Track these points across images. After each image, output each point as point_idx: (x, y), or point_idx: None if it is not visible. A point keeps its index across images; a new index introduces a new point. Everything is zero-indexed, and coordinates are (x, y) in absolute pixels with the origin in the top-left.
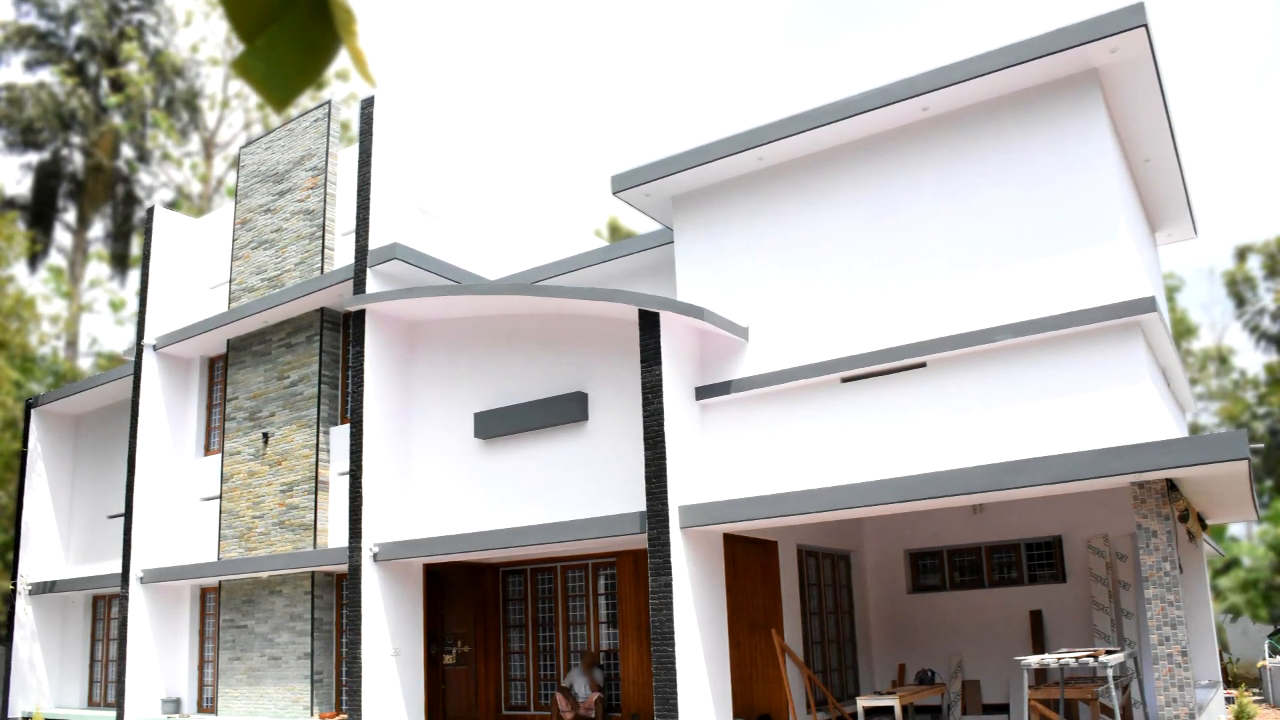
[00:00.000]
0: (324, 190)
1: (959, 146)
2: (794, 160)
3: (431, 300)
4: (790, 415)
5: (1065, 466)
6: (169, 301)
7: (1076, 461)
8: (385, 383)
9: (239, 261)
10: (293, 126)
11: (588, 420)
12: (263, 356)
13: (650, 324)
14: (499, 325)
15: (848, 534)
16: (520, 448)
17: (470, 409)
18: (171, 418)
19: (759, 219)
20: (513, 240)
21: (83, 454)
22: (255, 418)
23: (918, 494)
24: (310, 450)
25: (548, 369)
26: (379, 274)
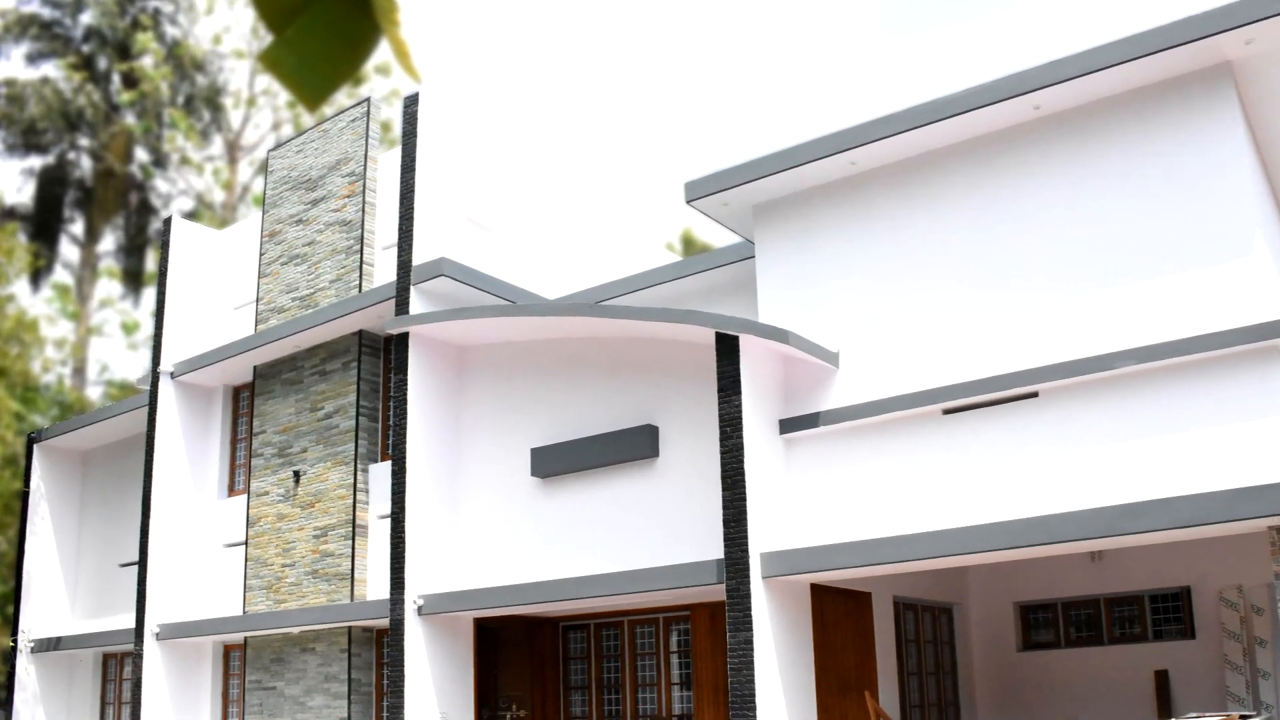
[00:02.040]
0: (362, 198)
1: (1074, 149)
2: (890, 165)
3: (483, 322)
4: (885, 451)
5: (1194, 509)
6: (188, 324)
7: (1207, 503)
8: (431, 414)
9: (267, 279)
10: (327, 127)
11: (658, 457)
12: (294, 385)
13: (728, 349)
14: (559, 350)
15: (950, 584)
16: (582, 488)
17: (526, 444)
18: (191, 454)
19: (850, 231)
20: (573, 255)
21: (91, 494)
22: (285, 454)
23: (1028, 539)
24: (347, 490)
25: (613, 399)
26: (424, 292)
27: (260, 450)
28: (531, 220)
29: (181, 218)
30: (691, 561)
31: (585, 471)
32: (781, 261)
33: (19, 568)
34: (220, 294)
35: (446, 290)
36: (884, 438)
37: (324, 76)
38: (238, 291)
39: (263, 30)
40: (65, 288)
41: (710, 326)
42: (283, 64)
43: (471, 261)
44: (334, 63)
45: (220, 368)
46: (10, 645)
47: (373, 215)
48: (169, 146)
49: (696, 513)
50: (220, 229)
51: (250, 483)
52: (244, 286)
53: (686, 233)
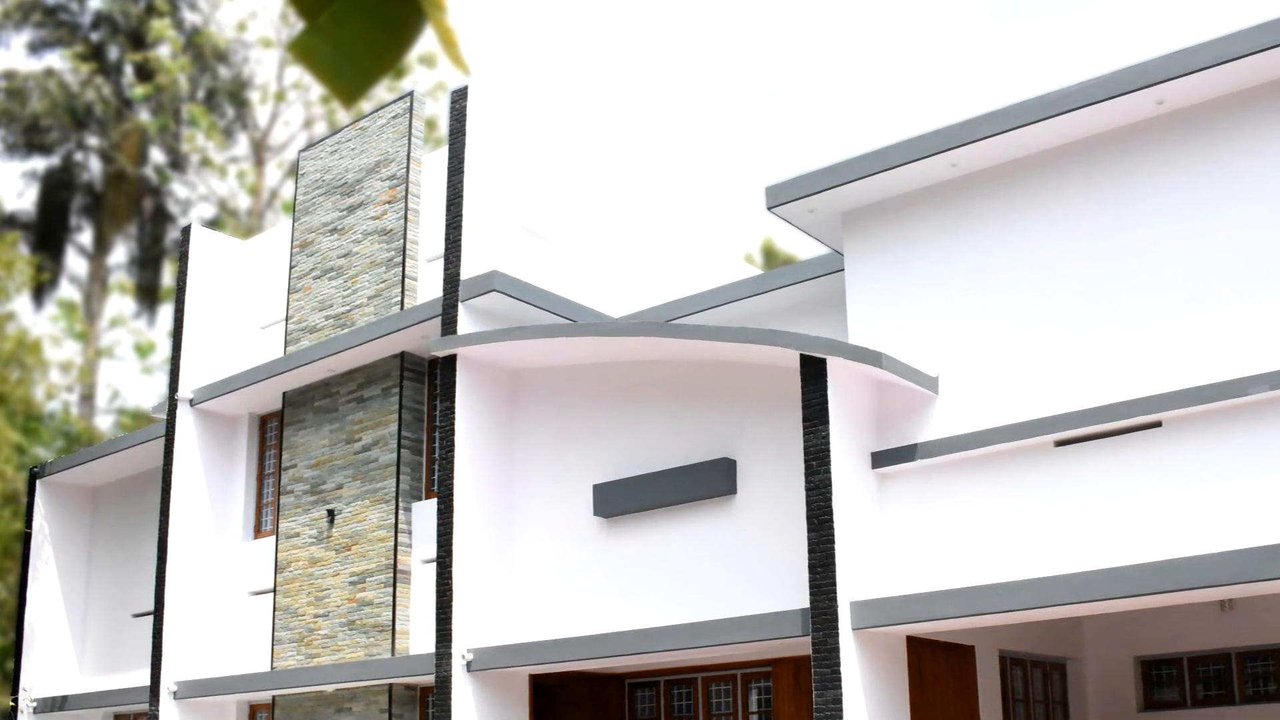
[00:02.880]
0: (404, 205)
1: (1201, 149)
2: (995, 167)
3: (540, 343)
4: (990, 487)
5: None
6: (209, 345)
7: None
8: (482, 447)
9: (298, 294)
10: (365, 125)
11: (735, 494)
12: (328, 414)
13: (815, 373)
14: (624, 375)
15: (1063, 637)
16: (651, 528)
17: (588, 480)
18: (213, 491)
19: (951, 240)
20: (641, 268)
21: (101, 536)
22: (318, 491)
23: (1151, 587)
24: (387, 532)
25: (685, 430)
26: (473, 310)
27: (290, 487)
28: (594, 230)
29: (202, 226)
30: (773, 611)
31: (654, 510)
32: (874, 275)
33: (20, 618)
34: (245, 311)
35: (499, 307)
36: (989, 472)
37: (362, 68)
38: (265, 309)
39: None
40: (71, 305)
41: (794, 348)
42: (315, 54)
43: (527, 275)
44: (373, 52)
45: (245, 394)
46: (10, 705)
47: (416, 223)
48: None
49: (779, 556)
50: (245, 239)
51: (279, 523)
52: (272, 303)
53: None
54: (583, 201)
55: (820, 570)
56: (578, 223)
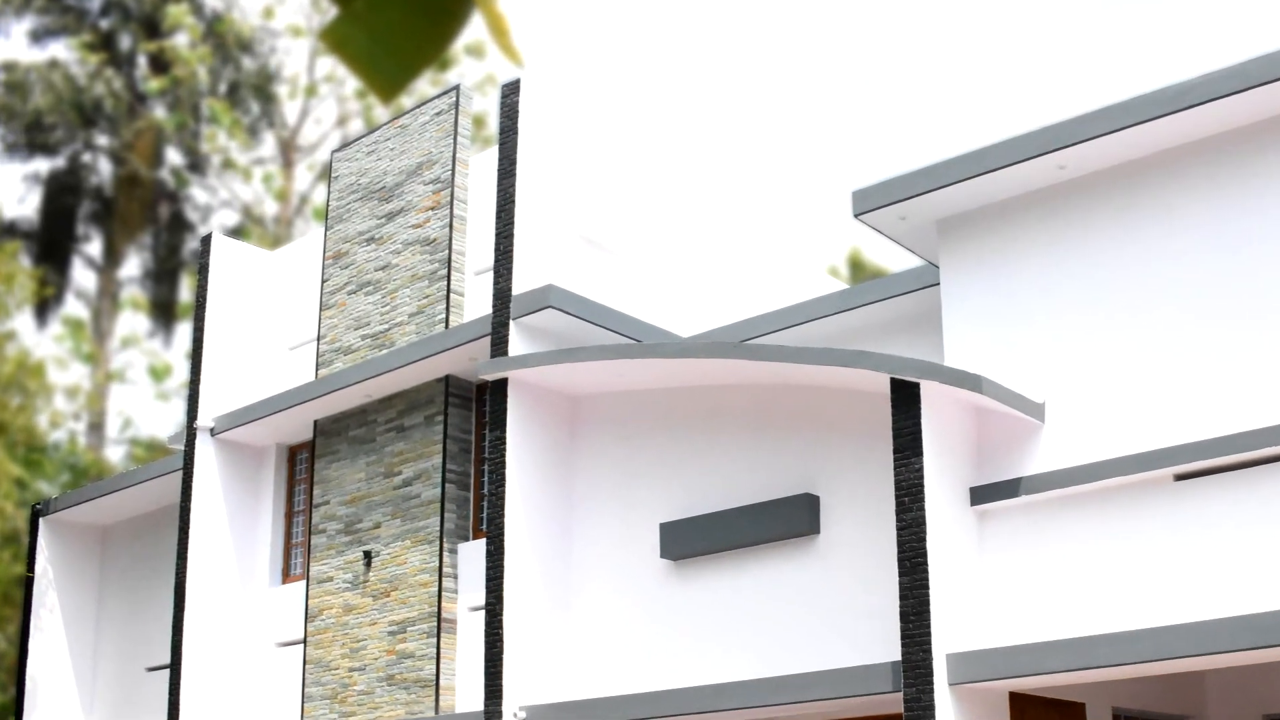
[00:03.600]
0: (449, 211)
1: None
2: (1109, 169)
3: (601, 365)
4: (1103, 526)
5: None
6: (233, 368)
7: None
8: (536, 481)
9: (331, 311)
10: (406, 123)
11: (818, 534)
12: (364, 445)
13: (907, 398)
14: (695, 401)
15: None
16: (724, 572)
17: (654, 518)
18: (236, 530)
19: (1059, 251)
20: (713, 282)
21: (112, 581)
22: (354, 530)
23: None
24: (431, 576)
25: (763, 462)
26: (526, 328)
27: (322, 526)
28: (660, 239)
29: (224, 235)
30: (861, 665)
31: (728, 552)
32: (972, 289)
33: (21, 672)
34: (272, 331)
35: (555, 326)
36: (1101, 509)
37: (402, 59)
38: (294, 327)
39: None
40: (79, 322)
41: (884, 371)
42: (350, 43)
43: (586, 290)
44: (414, 42)
45: (272, 423)
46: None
47: (462, 232)
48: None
49: (867, 603)
50: (272, 249)
51: (310, 566)
52: (302, 321)
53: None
54: (648, 207)
55: (913, 619)
56: (642, 231)
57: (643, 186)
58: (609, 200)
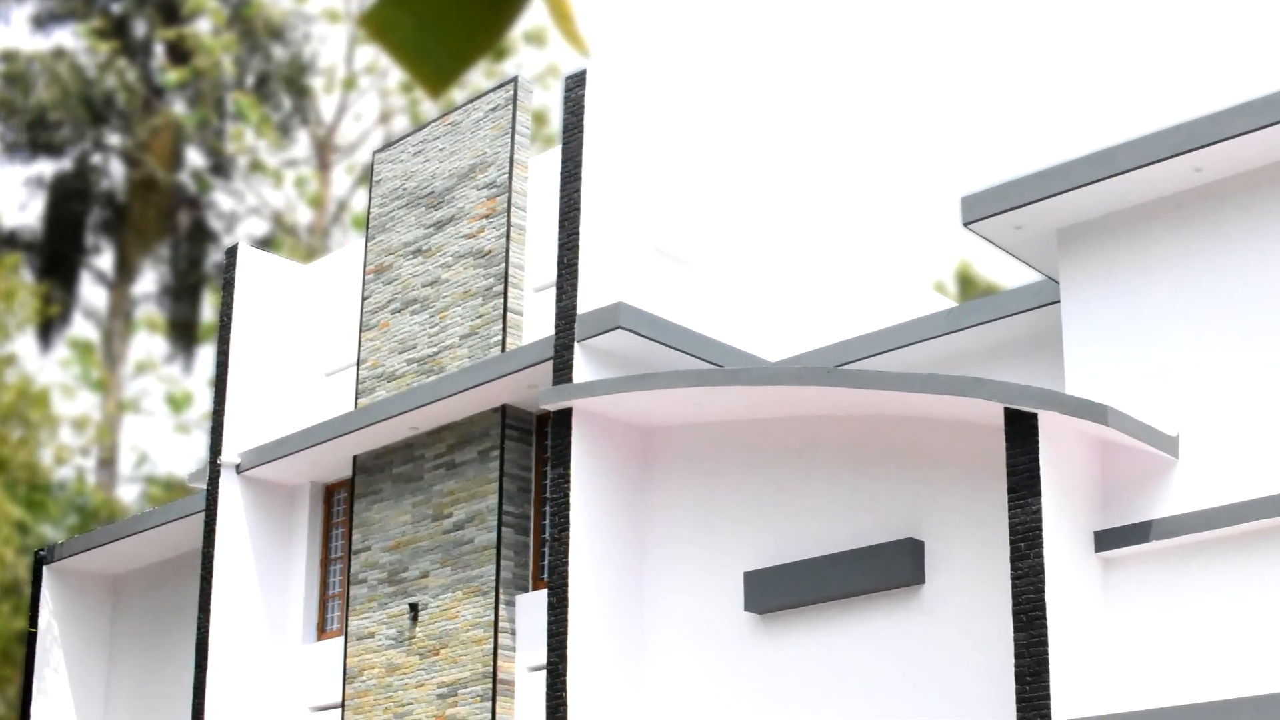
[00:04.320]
0: (506, 219)
1: None
2: (1251, 172)
3: (678, 393)
4: (1244, 575)
5: None
6: (261, 396)
7: None
8: (604, 525)
9: (372, 332)
10: (457, 119)
11: (923, 584)
12: (410, 483)
13: (1023, 431)
14: (784, 434)
15: None
16: (817, 627)
17: (737, 565)
18: (265, 580)
19: (1195, 264)
20: (804, 300)
21: (125, 636)
22: (398, 580)
23: None
24: (485, 632)
25: (860, 503)
26: (593, 352)
27: (363, 575)
28: (743, 251)
29: (252, 246)
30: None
31: (821, 605)
32: (1097, 307)
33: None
34: (306, 354)
35: (626, 349)
36: (1242, 556)
37: (453, 47)
38: (331, 351)
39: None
40: (87, 345)
41: (998, 400)
42: (395, 29)
43: (661, 308)
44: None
45: (306, 459)
46: None
47: (521, 243)
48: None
49: (977, 662)
50: (306, 262)
51: (349, 621)
52: (340, 344)
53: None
54: (730, 215)
55: (1030, 680)
56: (724, 242)
57: (724, 191)
58: (686, 207)
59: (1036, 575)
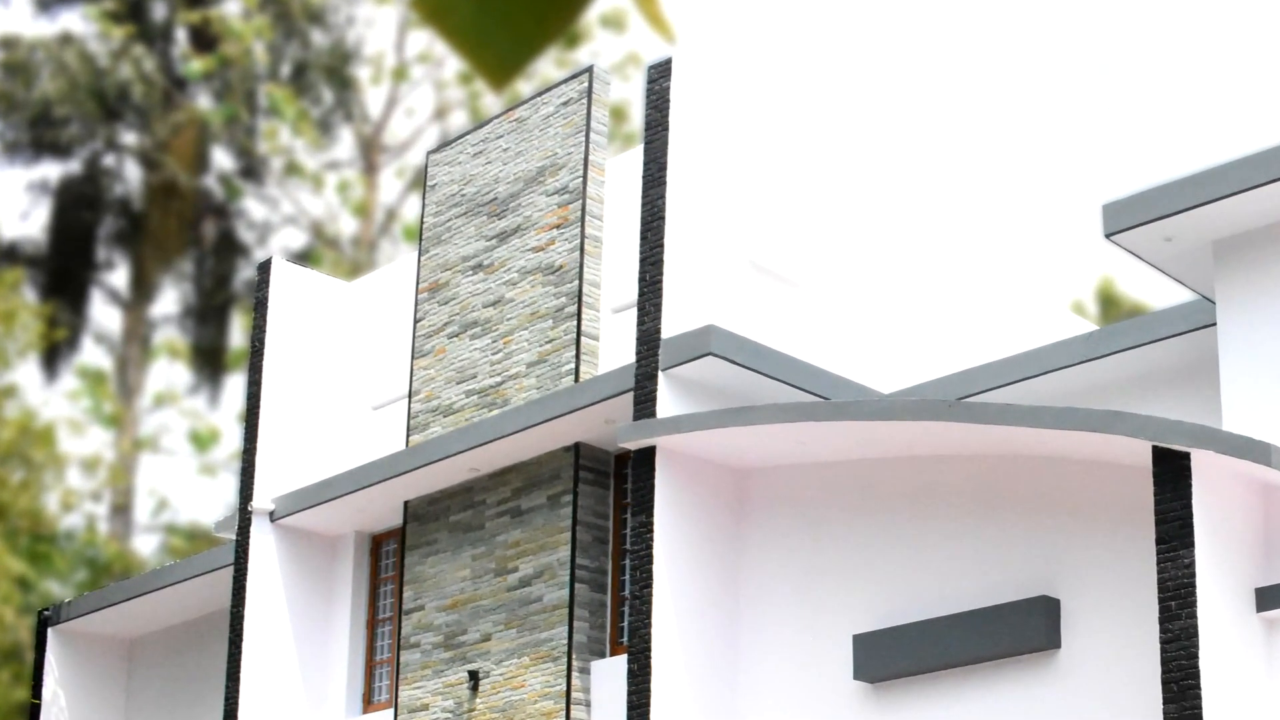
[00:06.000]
0: (580, 230)
1: None
2: None
3: (778, 430)
4: None
5: None
6: (299, 433)
7: None
8: (692, 580)
9: (426, 360)
10: (523, 115)
11: (1059, 649)
12: (469, 533)
13: (1174, 473)
14: (899, 476)
15: None
16: (936, 698)
17: (845, 628)
18: (303, 644)
19: None
20: (922, 323)
21: (141, 709)
22: (456, 644)
23: None
24: (556, 703)
25: (986, 555)
26: (680, 382)
27: (415, 638)
28: (853, 267)
29: (288, 261)
30: None
31: (941, 672)
32: (1259, 331)
33: None
34: (351, 385)
35: (717, 378)
36: None
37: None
38: (379, 381)
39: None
40: (99, 374)
41: (1144, 437)
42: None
43: (758, 332)
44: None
45: (350, 505)
46: None
47: (597, 257)
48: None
49: None
50: (350, 279)
51: (399, 691)
52: (389, 373)
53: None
54: (837, 226)
55: None
56: (830, 256)
57: (831, 199)
58: (787, 216)
59: (1189, 638)
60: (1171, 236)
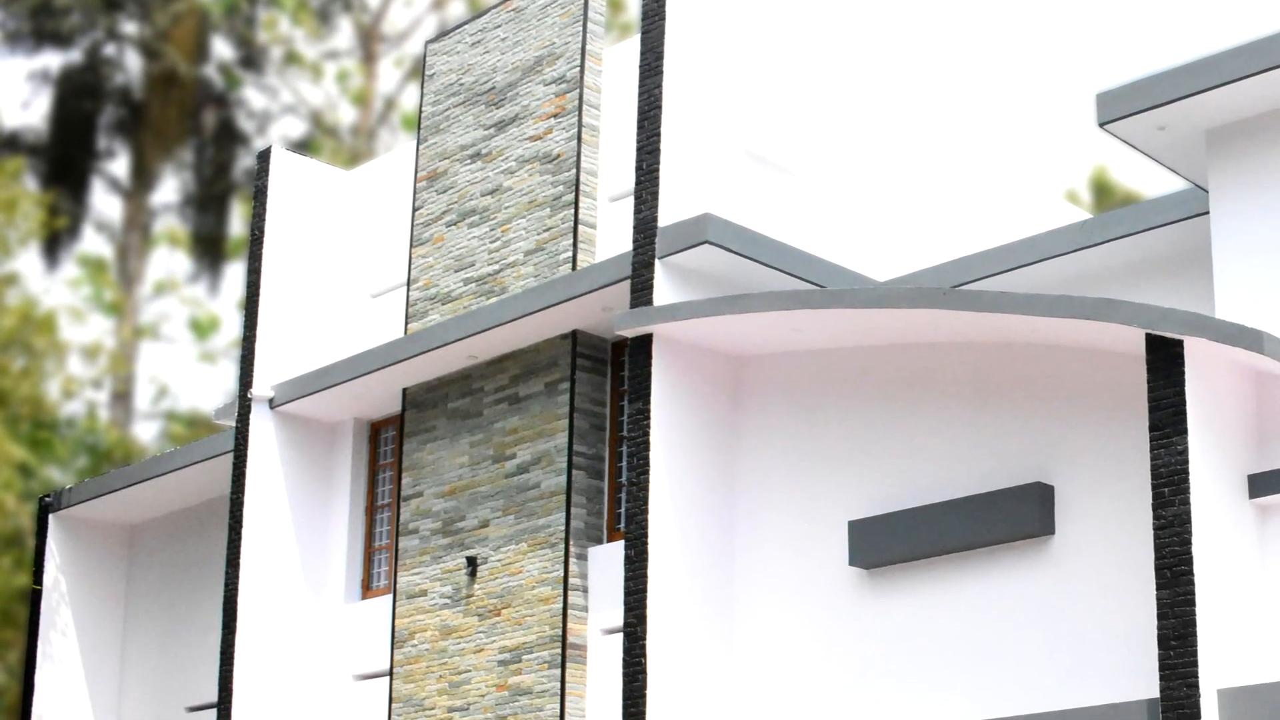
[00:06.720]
0: (578, 119)
1: None
2: None
3: (774, 317)
4: None
5: None
6: (298, 321)
7: None
8: (689, 467)
9: (425, 248)
10: (521, 5)
11: (1052, 535)
12: (467, 420)
13: (1167, 360)
14: (894, 364)
15: None
16: (931, 584)
17: (841, 514)
18: (302, 530)
19: None
20: (917, 211)
21: (142, 596)
22: (454, 531)
23: None
24: (553, 589)
25: (981, 442)
26: (677, 270)
27: (414, 524)
28: (849, 154)
29: (287, 150)
30: (1108, 703)
31: (935, 559)
32: (1251, 220)
33: (25, 712)
34: (349, 273)
35: (714, 266)
36: None
37: None
38: (377, 269)
39: None
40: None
41: (1138, 325)
42: None
43: (754, 220)
44: None
45: (349, 392)
46: None
47: (594, 146)
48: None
49: (1115, 624)
50: (349, 168)
51: (397, 577)
52: (388, 261)
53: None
54: (833, 114)
55: (1175, 644)
56: (826, 145)
57: (827, 87)
58: (783, 105)
59: (1182, 524)
60: (1165, 125)
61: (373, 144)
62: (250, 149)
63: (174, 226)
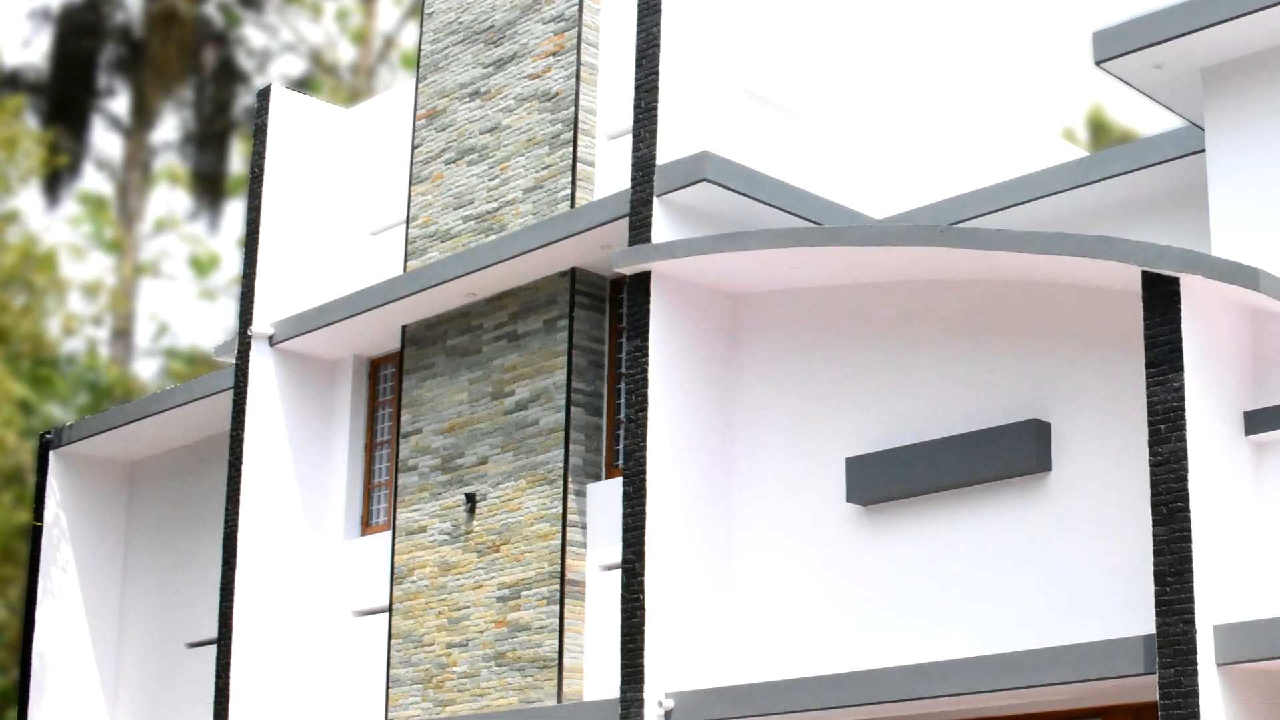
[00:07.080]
0: (576, 57)
1: None
2: None
3: (772, 255)
4: None
5: None
6: (298, 258)
7: None
8: (687, 404)
9: (424, 186)
10: None
11: (1049, 472)
12: (466, 358)
13: (1163, 298)
14: (891, 302)
15: None
16: (928, 520)
17: (838, 451)
18: (302, 467)
19: None
20: (915, 149)
21: (142, 532)
22: (453, 467)
23: None
24: (551, 526)
25: (978, 379)
26: (675, 208)
27: (413, 461)
28: (847, 92)
29: (287, 88)
30: (1103, 640)
31: (933, 495)
32: (1248, 158)
33: (26, 648)
34: (349, 210)
35: (712, 204)
36: None
37: None
38: (377, 207)
39: None
40: (100, 200)
41: (1134, 263)
42: None
43: (752, 159)
44: None
45: (349, 329)
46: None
47: (592, 84)
48: None
49: (1111, 560)
50: (348, 106)
51: (397, 513)
52: (387, 199)
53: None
54: (831, 53)
55: (1171, 580)
56: (824, 83)
57: (824, 26)
58: (781, 43)
59: (1179, 461)
60: (1161, 63)
61: (372, 82)
62: (250, 87)
63: (174, 164)
